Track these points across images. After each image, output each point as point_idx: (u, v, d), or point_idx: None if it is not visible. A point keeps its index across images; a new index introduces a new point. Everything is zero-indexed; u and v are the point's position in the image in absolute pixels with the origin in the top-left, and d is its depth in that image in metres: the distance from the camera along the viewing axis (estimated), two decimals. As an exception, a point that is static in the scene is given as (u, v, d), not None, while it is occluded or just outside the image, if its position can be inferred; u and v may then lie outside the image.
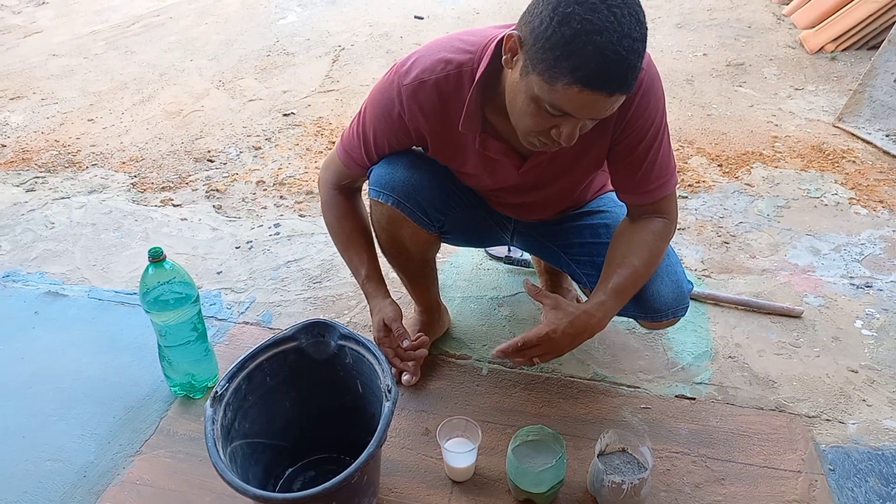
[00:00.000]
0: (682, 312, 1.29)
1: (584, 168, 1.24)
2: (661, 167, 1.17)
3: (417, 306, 1.54)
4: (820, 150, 2.42)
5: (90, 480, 1.29)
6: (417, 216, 1.29)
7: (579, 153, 1.18)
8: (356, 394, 1.23)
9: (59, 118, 2.86)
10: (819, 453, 1.31)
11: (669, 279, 1.26)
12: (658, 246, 1.20)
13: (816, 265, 1.84)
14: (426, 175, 1.27)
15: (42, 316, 1.72)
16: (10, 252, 1.97)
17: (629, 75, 0.91)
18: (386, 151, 1.27)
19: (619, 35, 0.88)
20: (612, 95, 0.92)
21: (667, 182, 1.18)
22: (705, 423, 1.37)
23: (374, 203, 1.30)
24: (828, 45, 3.22)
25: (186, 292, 1.35)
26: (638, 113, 1.10)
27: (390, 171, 1.26)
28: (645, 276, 1.19)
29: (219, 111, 2.88)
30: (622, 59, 0.89)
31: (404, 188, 1.26)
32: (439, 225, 1.34)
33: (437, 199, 1.30)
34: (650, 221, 1.21)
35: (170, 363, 1.42)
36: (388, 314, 1.31)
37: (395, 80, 1.17)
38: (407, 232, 1.32)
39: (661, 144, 1.15)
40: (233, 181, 2.33)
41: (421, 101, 1.15)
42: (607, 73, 0.90)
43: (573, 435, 1.32)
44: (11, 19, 4.18)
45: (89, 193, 2.28)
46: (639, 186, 1.19)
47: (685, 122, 2.65)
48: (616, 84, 0.91)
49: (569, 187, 1.31)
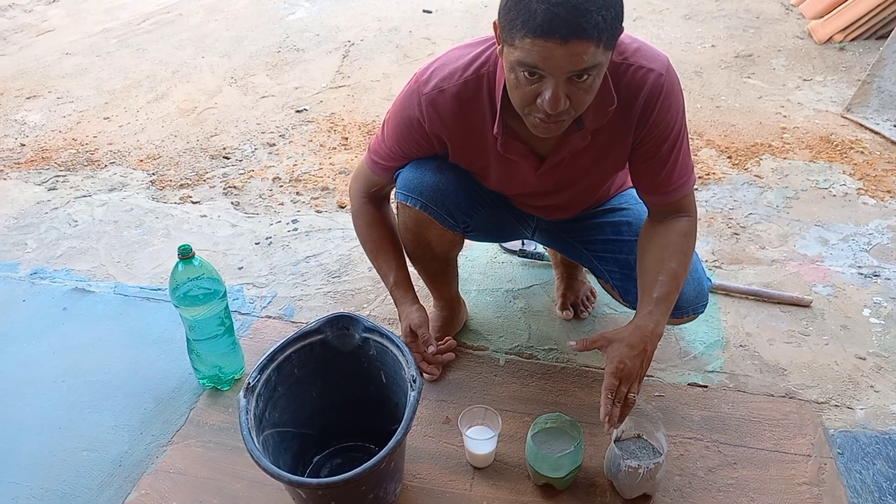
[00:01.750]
0: (702, 309, 1.34)
1: (604, 170, 1.27)
2: (681, 167, 1.20)
3: (437, 301, 1.59)
4: (828, 141, 2.45)
5: (125, 469, 1.35)
6: (444, 218, 1.33)
7: (600, 155, 1.22)
8: (380, 384, 1.28)
9: (75, 117, 2.91)
10: (828, 438, 1.35)
11: (691, 277, 1.29)
12: (688, 245, 1.23)
13: (825, 255, 1.88)
14: (452, 178, 1.31)
15: (70, 312, 1.77)
16: (37, 250, 2.02)
17: (580, 20, 0.91)
18: (411, 157, 1.31)
19: None
20: (567, 41, 0.92)
21: (687, 180, 1.22)
22: (717, 409, 1.42)
23: (401, 206, 1.35)
24: (836, 36, 3.24)
25: (215, 288, 1.40)
26: (660, 117, 1.13)
27: (418, 176, 1.30)
28: (683, 277, 1.22)
29: (232, 108, 2.92)
30: (563, 3, 0.90)
31: (431, 192, 1.30)
32: (465, 226, 1.38)
33: (463, 201, 1.34)
34: (676, 222, 1.24)
35: (198, 356, 1.47)
36: (415, 320, 1.36)
37: (416, 89, 1.21)
38: (433, 233, 1.36)
39: (682, 145, 1.19)
40: (249, 178, 2.38)
41: (440, 109, 1.19)
42: (553, 20, 0.91)
43: (589, 422, 1.37)
44: (23, 18, 4.22)
45: (110, 191, 2.33)
46: (660, 186, 1.22)
47: (694, 115, 2.68)
48: (566, 29, 0.91)
49: (590, 188, 1.34)
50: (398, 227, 1.42)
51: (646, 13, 3.76)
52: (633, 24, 3.60)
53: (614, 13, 0.94)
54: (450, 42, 3.49)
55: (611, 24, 0.94)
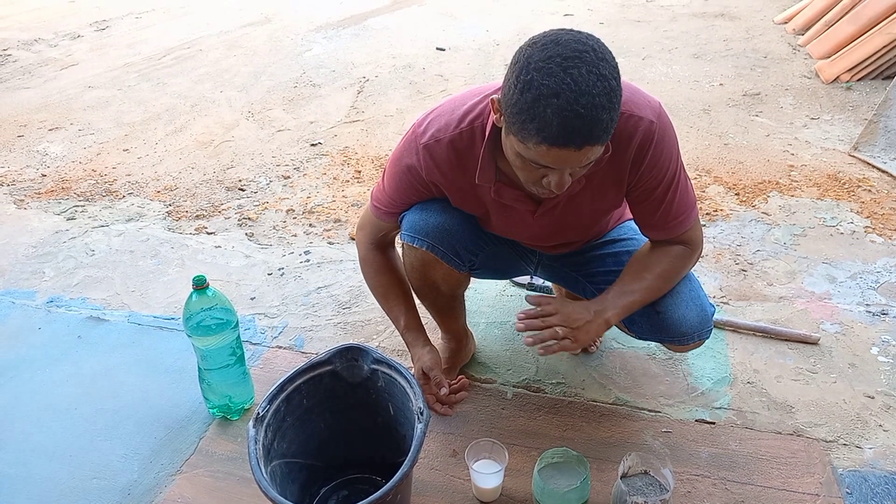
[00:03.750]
0: (707, 335, 1.35)
1: (601, 209, 1.30)
2: (679, 205, 1.23)
3: (445, 334, 1.61)
4: (836, 179, 2.47)
5: (134, 498, 1.36)
6: (450, 258, 1.36)
7: (595, 197, 1.24)
8: (388, 416, 1.29)
9: (95, 148, 2.98)
10: (836, 477, 1.34)
11: (693, 303, 1.31)
12: (674, 266, 1.26)
13: (833, 293, 1.88)
14: (457, 218, 1.35)
15: (85, 340, 1.80)
16: (54, 278, 2.07)
17: (594, 129, 0.96)
18: (411, 204, 1.35)
19: (576, 94, 0.94)
20: (580, 149, 0.98)
21: (686, 217, 1.24)
22: (725, 446, 1.42)
23: (407, 248, 1.38)
24: (843, 76, 3.28)
25: (227, 318, 1.43)
26: (651, 163, 1.16)
27: (423, 217, 1.34)
28: (656, 290, 1.26)
29: (248, 141, 2.99)
30: (581, 116, 0.95)
31: (437, 232, 1.34)
32: (470, 264, 1.42)
33: (469, 241, 1.37)
34: (670, 247, 1.28)
35: (209, 385, 1.49)
36: (427, 362, 1.39)
37: (414, 139, 1.26)
38: (439, 273, 1.39)
39: (678, 185, 1.21)
40: (263, 209, 2.42)
41: (437, 158, 1.24)
42: (569, 132, 0.96)
43: (596, 458, 1.37)
44: (49, 52, 4.36)
45: (127, 221, 2.38)
46: (659, 224, 1.25)
47: (702, 152, 2.71)
48: (580, 139, 0.97)
49: (589, 226, 1.37)
50: (405, 268, 1.45)
51: (655, 52, 3.83)
52: (642, 63, 3.67)
53: (617, 108, 0.98)
54: (462, 79, 3.56)
55: (610, 125, 0.98)
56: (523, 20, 4.45)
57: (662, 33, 4.15)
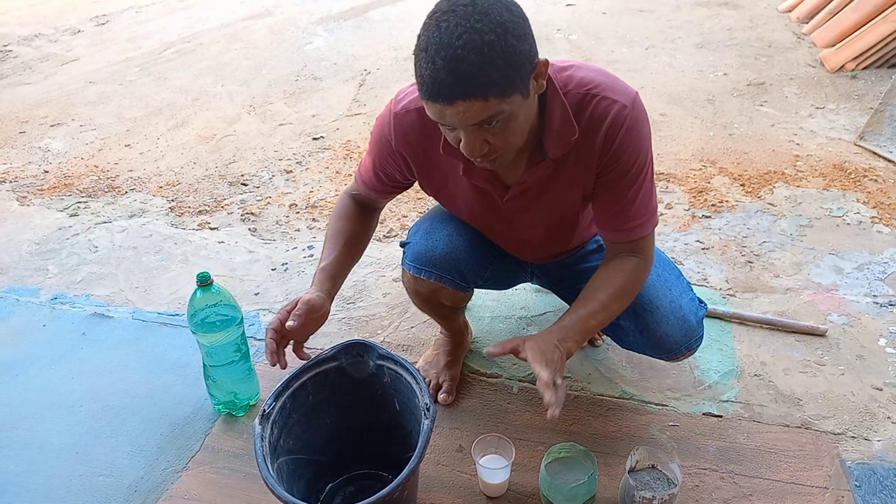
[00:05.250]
0: (696, 344, 1.33)
1: (571, 201, 1.25)
2: (640, 206, 1.18)
3: (445, 330, 1.61)
4: (842, 169, 2.45)
5: (141, 495, 1.36)
6: (458, 284, 1.37)
7: (566, 184, 1.21)
8: (393, 411, 1.29)
9: (97, 144, 2.97)
10: (845, 470, 1.34)
11: (674, 318, 1.28)
12: (628, 283, 1.21)
13: (840, 284, 1.87)
14: (462, 240, 1.35)
15: (89, 337, 1.80)
16: (58, 275, 2.06)
17: (460, 83, 0.93)
18: (386, 174, 1.32)
19: (437, 47, 0.93)
20: (452, 103, 0.95)
21: (646, 222, 1.20)
22: (732, 440, 1.41)
23: (414, 278, 1.39)
24: (848, 64, 3.25)
25: (232, 314, 1.42)
26: (622, 148, 1.12)
27: (428, 247, 1.35)
28: (610, 310, 1.20)
29: (250, 135, 2.97)
30: (441, 69, 0.93)
31: (444, 262, 1.34)
32: (477, 284, 1.43)
33: (475, 263, 1.37)
34: (624, 260, 1.22)
35: (214, 382, 1.48)
36: (307, 297, 1.23)
37: (390, 108, 1.24)
38: (445, 294, 1.40)
39: (643, 183, 1.17)
40: (266, 204, 2.41)
41: (406, 126, 1.22)
42: (435, 84, 0.95)
43: (603, 452, 1.37)
44: (49, 48, 4.34)
45: (130, 217, 2.37)
46: (617, 222, 1.20)
47: (707, 142, 2.69)
48: (447, 93, 0.94)
49: (560, 223, 1.31)
50: (408, 293, 1.46)
51: (658, 42, 3.80)
52: (645, 53, 3.65)
53: (503, 64, 0.94)
54: (464, 70, 3.54)
55: (499, 78, 0.94)
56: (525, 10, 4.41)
57: (666, 23, 4.12)
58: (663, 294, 1.29)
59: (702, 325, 1.33)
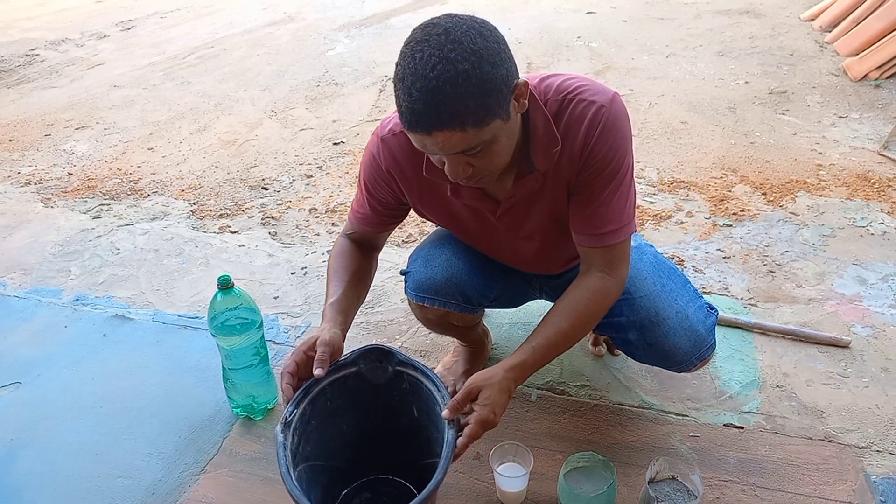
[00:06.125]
0: (708, 353, 1.31)
1: (563, 207, 1.22)
2: (615, 210, 1.15)
3: (463, 342, 1.60)
4: (865, 179, 2.42)
5: (159, 497, 1.36)
6: (463, 307, 1.37)
7: (555, 195, 1.19)
8: (412, 417, 1.28)
9: (120, 147, 3.02)
10: (870, 484, 1.31)
11: (682, 328, 1.26)
12: (591, 305, 1.18)
13: (864, 295, 1.84)
14: (463, 264, 1.35)
15: (110, 338, 1.82)
16: (80, 277, 2.09)
17: (438, 115, 0.93)
18: (380, 202, 1.29)
19: (413, 79, 0.92)
20: (430, 133, 0.95)
21: (620, 229, 1.16)
22: (754, 451, 1.39)
23: (419, 307, 1.39)
24: (872, 73, 3.21)
25: (252, 318, 1.43)
26: (598, 145, 1.10)
27: (428, 275, 1.35)
28: (573, 335, 1.18)
29: (272, 140, 3.00)
30: (418, 101, 0.92)
31: (446, 287, 1.34)
32: (483, 304, 1.43)
33: (479, 285, 1.37)
34: (589, 278, 1.19)
35: (233, 385, 1.49)
36: (326, 337, 1.16)
37: (377, 133, 1.24)
38: (454, 318, 1.41)
39: (619, 185, 1.14)
40: (287, 208, 2.43)
41: (394, 148, 1.21)
42: (413, 116, 0.95)
43: (622, 462, 1.35)
44: (75, 52, 4.42)
45: (151, 220, 2.40)
46: (590, 224, 1.17)
47: (728, 150, 2.67)
48: (427, 124, 0.94)
49: (557, 230, 1.28)
50: (418, 320, 1.47)
51: (679, 49, 3.78)
52: (665, 61, 3.63)
53: (478, 93, 0.93)
54: (483, 77, 3.54)
55: (475, 106, 0.94)
56: (546, 18, 4.42)
57: (686, 31, 4.09)
58: (669, 305, 1.27)
59: (712, 333, 1.31)
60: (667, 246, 2.09)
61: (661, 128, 2.90)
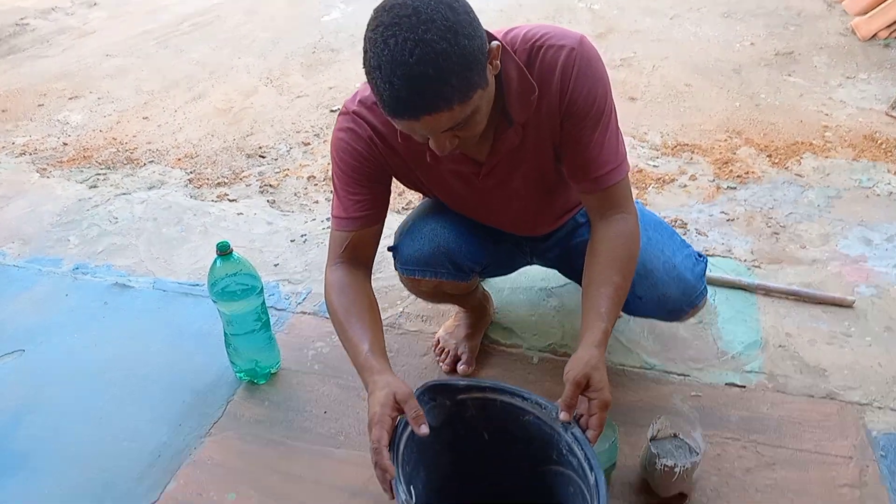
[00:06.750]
0: (699, 300, 1.31)
1: (546, 160, 1.20)
2: (609, 150, 1.14)
3: (464, 309, 1.59)
4: (872, 140, 2.38)
5: (164, 460, 1.37)
6: (455, 275, 1.35)
7: (537, 145, 1.17)
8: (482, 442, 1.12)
9: (115, 116, 2.98)
10: (871, 440, 1.31)
11: (670, 278, 1.26)
12: (629, 247, 1.16)
13: (868, 255, 1.83)
14: (450, 232, 1.33)
15: (111, 306, 1.82)
16: (79, 246, 2.08)
17: (424, 100, 0.91)
18: (362, 184, 1.21)
19: (391, 66, 0.89)
20: (418, 119, 0.93)
21: (616, 168, 1.15)
22: (756, 410, 1.39)
23: (410, 280, 1.38)
24: (881, 32, 3.15)
25: (252, 284, 1.42)
26: (577, 90, 1.09)
27: (416, 247, 1.33)
28: (626, 284, 1.16)
29: (268, 108, 2.96)
30: (401, 89, 0.89)
31: (435, 257, 1.32)
32: (475, 272, 1.40)
33: (468, 252, 1.35)
34: (614, 224, 1.17)
35: (236, 350, 1.49)
36: (402, 390, 1.02)
37: (345, 111, 1.19)
38: (448, 287, 1.39)
39: (607, 124, 1.13)
40: (284, 176, 2.41)
41: (369, 119, 1.17)
42: (398, 104, 0.92)
43: (624, 422, 1.35)
44: (66, 20, 4.34)
45: (149, 189, 2.38)
46: (587, 170, 1.15)
47: (733, 113, 2.64)
48: (413, 110, 0.92)
49: (543, 185, 1.26)
50: (410, 291, 1.46)
51: (683, 11, 3.71)
52: (670, 23, 3.56)
53: (460, 69, 0.90)
54: (482, 41, 3.48)
55: (459, 83, 0.91)
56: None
57: (689, -9, 4.02)
58: (656, 256, 1.27)
59: (702, 281, 1.31)
60: (670, 209, 2.07)
61: (664, 91, 2.86)
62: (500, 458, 1.11)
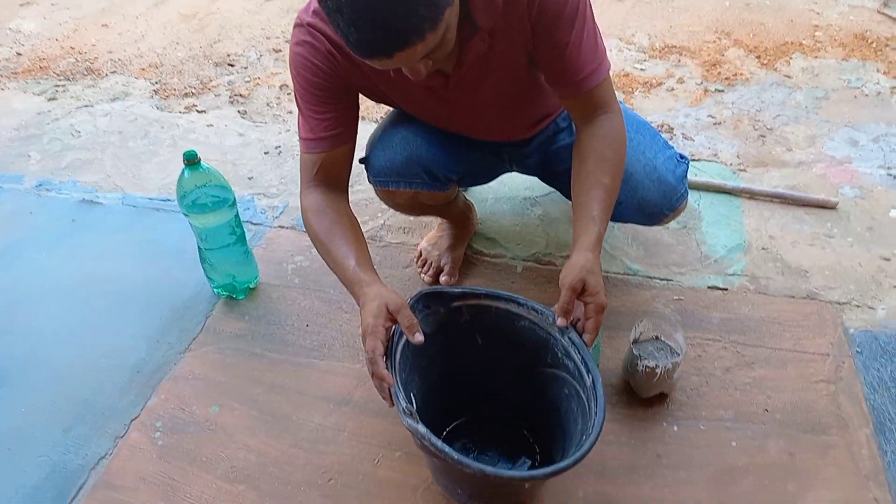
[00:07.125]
0: (680, 202, 1.29)
1: (517, 67, 1.14)
2: (587, 51, 1.07)
3: (446, 219, 1.55)
4: (862, 39, 2.31)
5: (144, 376, 1.36)
6: (431, 185, 1.30)
7: (507, 53, 1.10)
8: (476, 347, 1.12)
9: (72, 24, 2.80)
10: (847, 337, 1.33)
11: (650, 181, 1.23)
12: (615, 148, 1.12)
13: (854, 156, 1.81)
14: (421, 141, 1.26)
15: (80, 223, 1.76)
16: (41, 161, 1.99)
17: (396, 38, 0.84)
18: (328, 101, 1.14)
19: (353, 8, 0.81)
20: (391, 56, 0.87)
21: (597, 69, 1.09)
22: (737, 311, 1.40)
23: (384, 192, 1.32)
24: (875, -77, 3.00)
25: (223, 195, 1.37)
26: None
27: (387, 157, 1.27)
28: (616, 185, 1.12)
29: (235, 13, 2.80)
30: (369, 30, 0.83)
31: (407, 167, 1.26)
32: (452, 180, 1.35)
33: (443, 160, 1.29)
34: (599, 125, 1.12)
35: (211, 265, 1.45)
36: (395, 300, 1.00)
37: (299, 22, 1.11)
38: (424, 197, 1.33)
39: (583, 22, 1.06)
40: (255, 85, 2.30)
41: (327, 31, 1.08)
42: (367, 47, 0.86)
43: (607, 326, 1.34)
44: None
45: (112, 101, 2.27)
46: (568, 74, 1.09)
47: (722, 13, 2.53)
48: (384, 49, 0.86)
49: (514, 91, 1.21)
50: (386, 204, 1.40)
51: None
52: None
53: (420, 4, 0.83)
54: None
55: (427, 12, 0.84)
56: None
57: None
58: (636, 159, 1.24)
59: (683, 183, 1.28)
60: (657, 114, 2.02)
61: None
62: (493, 362, 1.11)
